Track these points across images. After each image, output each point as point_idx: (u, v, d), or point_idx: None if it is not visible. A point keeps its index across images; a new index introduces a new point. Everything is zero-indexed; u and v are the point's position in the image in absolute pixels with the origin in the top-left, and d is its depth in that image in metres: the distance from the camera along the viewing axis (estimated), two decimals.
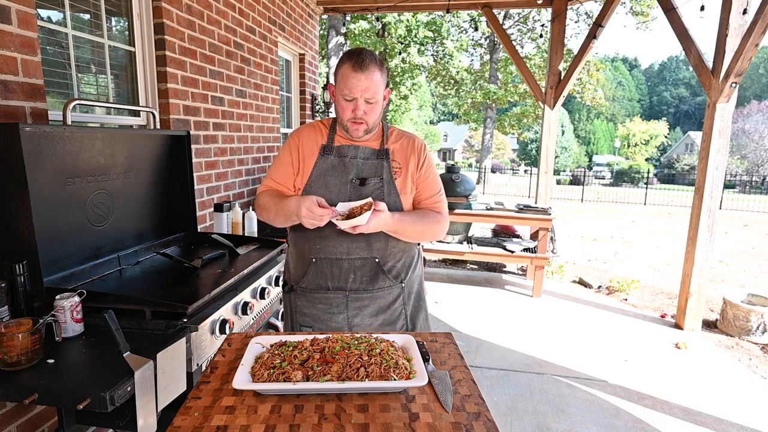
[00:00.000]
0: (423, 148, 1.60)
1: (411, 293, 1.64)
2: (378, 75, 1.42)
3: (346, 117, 1.47)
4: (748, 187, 23.25)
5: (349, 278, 1.53)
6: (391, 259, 1.56)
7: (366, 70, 1.39)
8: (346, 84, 1.41)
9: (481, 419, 0.89)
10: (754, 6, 3.21)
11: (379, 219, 1.36)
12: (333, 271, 1.53)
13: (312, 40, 5.09)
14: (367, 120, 1.46)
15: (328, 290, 1.54)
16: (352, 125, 1.47)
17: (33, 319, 1.24)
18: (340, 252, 1.51)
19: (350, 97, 1.43)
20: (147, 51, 2.46)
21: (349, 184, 1.50)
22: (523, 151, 44.36)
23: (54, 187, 1.57)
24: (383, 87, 1.47)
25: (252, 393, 0.96)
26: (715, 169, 3.62)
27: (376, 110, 1.47)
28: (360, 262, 1.52)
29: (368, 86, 1.40)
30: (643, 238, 8.89)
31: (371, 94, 1.42)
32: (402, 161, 1.55)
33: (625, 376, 3.03)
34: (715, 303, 4.49)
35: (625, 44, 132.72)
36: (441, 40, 14.29)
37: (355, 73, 1.39)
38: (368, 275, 1.54)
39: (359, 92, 1.41)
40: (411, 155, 1.57)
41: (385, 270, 1.55)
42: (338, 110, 1.49)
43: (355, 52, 1.42)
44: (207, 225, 2.97)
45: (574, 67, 4.94)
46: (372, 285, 1.54)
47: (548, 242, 4.56)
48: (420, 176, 1.57)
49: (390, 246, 1.54)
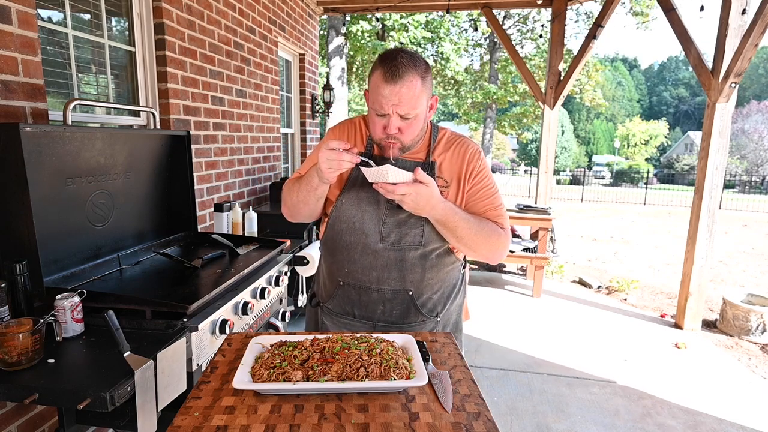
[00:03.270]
0: (476, 156, 1.33)
1: (447, 326, 1.46)
2: (417, 84, 1.16)
3: (378, 135, 1.24)
4: (748, 187, 23.26)
5: (377, 309, 1.36)
6: (427, 291, 1.36)
7: (400, 80, 1.14)
8: (376, 96, 1.18)
9: (481, 419, 0.89)
10: (753, 6, 3.21)
11: (420, 193, 1.10)
12: (361, 299, 1.36)
13: (312, 40, 5.10)
14: (403, 139, 1.22)
15: (354, 317, 1.40)
16: (385, 145, 1.24)
17: (33, 319, 1.25)
18: (369, 281, 1.33)
19: (381, 113, 1.19)
20: (147, 51, 2.47)
21: (385, 204, 1.29)
22: (523, 151, 44.34)
23: (54, 187, 1.57)
24: (425, 98, 1.20)
25: (252, 393, 0.97)
26: (714, 169, 3.63)
27: (414, 127, 1.22)
28: (391, 294, 1.34)
29: (402, 100, 1.15)
30: (642, 238, 8.89)
31: (407, 110, 1.17)
32: (450, 177, 1.31)
33: (625, 376, 3.03)
34: (714, 303, 4.50)
35: (625, 44, 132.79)
36: (440, 42, 14.28)
37: (386, 84, 1.15)
38: (399, 309, 1.36)
39: (391, 107, 1.16)
40: (460, 169, 1.31)
41: (418, 304, 1.36)
42: (370, 127, 1.26)
43: (389, 55, 1.17)
44: (207, 225, 2.97)
45: (574, 68, 4.94)
46: (402, 320, 1.37)
47: (548, 242, 4.56)
48: (471, 187, 1.32)
49: (427, 278, 1.34)
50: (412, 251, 1.31)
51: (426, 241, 1.31)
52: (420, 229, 1.30)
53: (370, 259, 1.32)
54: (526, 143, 40.42)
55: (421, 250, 1.31)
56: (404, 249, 1.31)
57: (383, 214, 1.30)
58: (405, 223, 1.30)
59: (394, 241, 1.30)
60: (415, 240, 1.30)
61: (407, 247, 1.30)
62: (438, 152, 1.33)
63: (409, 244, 1.30)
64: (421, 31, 11.59)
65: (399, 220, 1.29)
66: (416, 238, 1.30)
